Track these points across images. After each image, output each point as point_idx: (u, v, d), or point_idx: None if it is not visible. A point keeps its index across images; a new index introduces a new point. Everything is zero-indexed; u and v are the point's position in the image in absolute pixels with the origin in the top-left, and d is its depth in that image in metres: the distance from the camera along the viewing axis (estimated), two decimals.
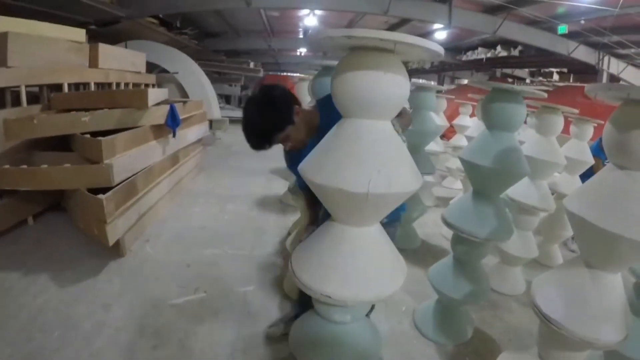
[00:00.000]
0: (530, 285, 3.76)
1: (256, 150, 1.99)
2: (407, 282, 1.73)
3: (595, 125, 4.27)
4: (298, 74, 6.17)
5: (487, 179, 2.69)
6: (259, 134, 1.96)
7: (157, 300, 3.10)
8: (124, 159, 3.75)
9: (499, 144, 2.61)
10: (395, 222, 2.33)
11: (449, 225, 2.78)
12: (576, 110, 3.77)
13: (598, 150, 4.38)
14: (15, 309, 2.80)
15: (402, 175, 1.51)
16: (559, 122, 3.61)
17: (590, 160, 4.21)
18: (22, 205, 3.96)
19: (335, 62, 2.49)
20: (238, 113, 13.75)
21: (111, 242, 3.39)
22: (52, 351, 2.46)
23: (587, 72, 12.52)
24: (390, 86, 1.47)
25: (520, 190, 3.66)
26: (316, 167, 1.56)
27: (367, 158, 1.48)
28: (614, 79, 11.62)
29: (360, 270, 1.60)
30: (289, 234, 4.36)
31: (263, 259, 3.95)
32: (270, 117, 1.93)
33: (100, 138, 3.50)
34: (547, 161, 3.54)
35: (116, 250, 3.65)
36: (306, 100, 5.41)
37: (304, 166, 1.63)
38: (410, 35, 1.35)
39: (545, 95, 2.71)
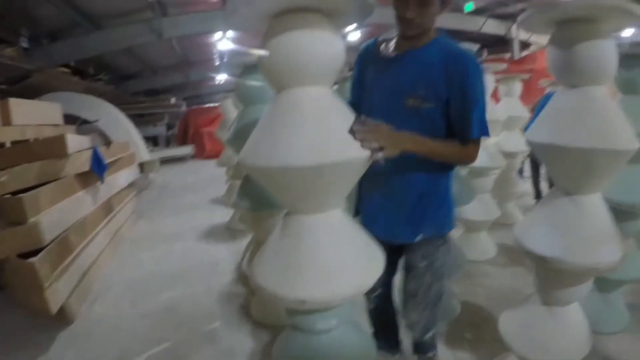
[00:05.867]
0: (499, 248, 3.88)
1: None
2: None
3: (522, 81, 4.55)
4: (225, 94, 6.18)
5: None
6: None
7: None
8: (53, 214, 3.39)
9: None
10: (437, 238, 1.87)
11: None
12: (503, 66, 3.84)
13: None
14: None
15: (354, 142, 1.37)
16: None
17: (525, 115, 4.45)
18: None
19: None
20: (168, 152, 13.44)
21: (54, 309, 3.02)
22: None
23: (499, 44, 13.07)
24: (316, 46, 1.36)
25: None
26: (256, 150, 1.41)
27: (311, 127, 1.34)
28: (524, 45, 12.19)
29: (332, 262, 1.43)
30: (243, 257, 4.13)
31: (223, 291, 3.71)
32: None
33: (21, 195, 3.14)
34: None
35: (63, 318, 3.27)
36: (232, 117, 5.26)
37: (242, 155, 1.47)
38: None
39: None
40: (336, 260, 1.43)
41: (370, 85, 1.81)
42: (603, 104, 1.78)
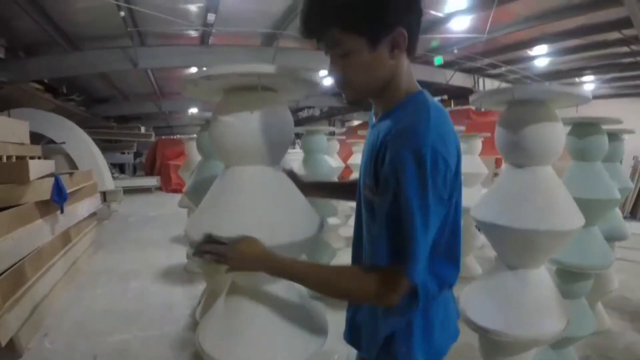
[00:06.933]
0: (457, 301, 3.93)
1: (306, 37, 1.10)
2: (335, 329, 1.54)
3: (483, 139, 4.65)
4: (190, 136, 6.11)
5: None
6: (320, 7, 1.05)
7: None
8: (8, 243, 3.30)
9: None
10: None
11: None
12: (462, 128, 3.97)
13: None
14: None
15: (290, 223, 1.39)
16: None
17: (484, 171, 4.56)
18: None
19: None
20: (133, 182, 13.20)
21: (4, 341, 2.91)
22: None
23: (466, 96, 13.68)
24: (260, 126, 1.37)
25: None
26: (200, 224, 1.41)
27: (246, 208, 1.36)
28: None
29: (262, 334, 1.43)
30: (199, 303, 4.05)
31: (176, 337, 3.61)
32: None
33: None
34: None
35: (11, 351, 3.13)
36: (195, 159, 5.05)
37: (188, 226, 1.50)
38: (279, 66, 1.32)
39: None
40: (267, 333, 1.43)
41: None
42: (548, 184, 1.87)
